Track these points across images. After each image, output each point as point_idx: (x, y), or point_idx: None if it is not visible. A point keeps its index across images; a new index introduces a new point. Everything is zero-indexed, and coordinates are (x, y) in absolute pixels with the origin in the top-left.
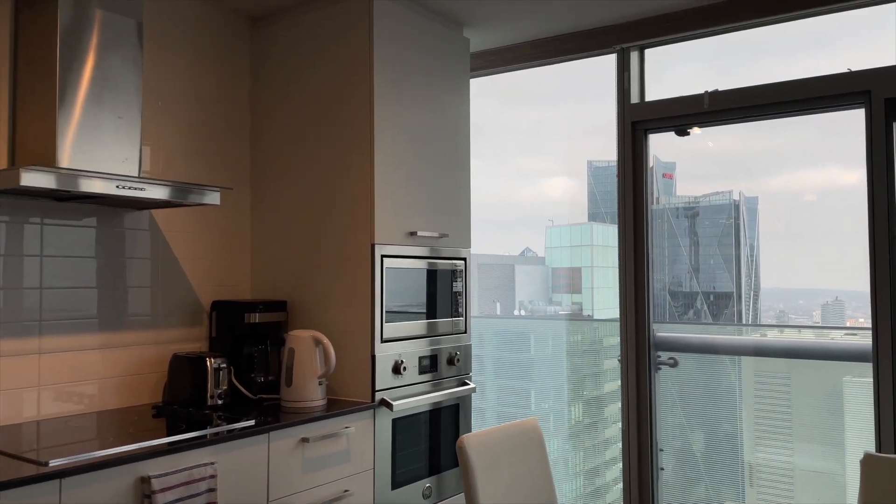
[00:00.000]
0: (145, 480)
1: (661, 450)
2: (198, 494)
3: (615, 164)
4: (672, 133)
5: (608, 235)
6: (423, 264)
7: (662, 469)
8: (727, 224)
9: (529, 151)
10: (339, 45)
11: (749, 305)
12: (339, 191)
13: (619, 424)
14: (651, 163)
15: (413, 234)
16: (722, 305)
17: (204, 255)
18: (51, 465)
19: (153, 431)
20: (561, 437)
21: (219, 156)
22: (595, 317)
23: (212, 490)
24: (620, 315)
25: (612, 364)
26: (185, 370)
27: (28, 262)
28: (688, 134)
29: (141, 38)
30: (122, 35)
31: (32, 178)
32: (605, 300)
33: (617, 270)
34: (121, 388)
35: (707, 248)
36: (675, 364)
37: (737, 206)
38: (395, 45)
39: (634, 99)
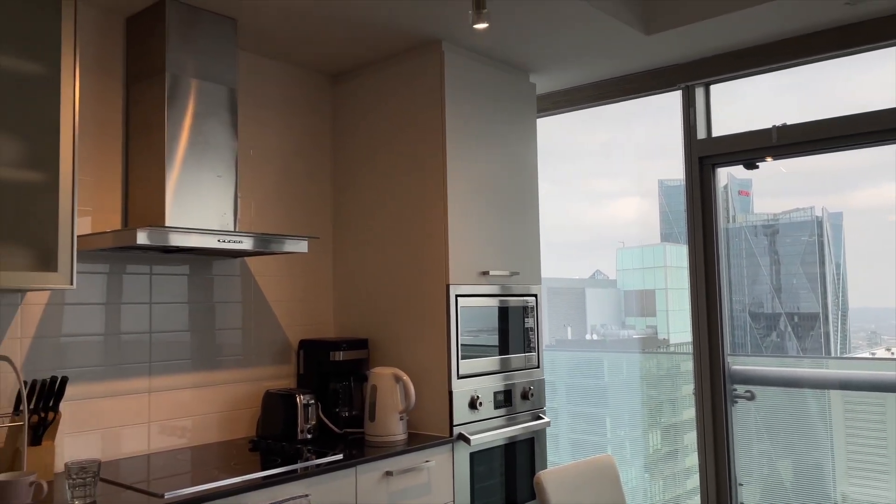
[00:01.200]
0: None
1: (741, 484)
2: None
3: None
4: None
5: (682, 256)
6: (495, 302)
7: None
8: (810, 241)
9: (598, 172)
10: (412, 97)
11: (837, 326)
12: (414, 234)
13: (697, 439)
14: (725, 180)
15: (485, 273)
16: (807, 327)
17: (290, 297)
18: (166, 496)
19: (252, 465)
20: (638, 466)
21: (303, 204)
22: (671, 340)
23: None
24: (693, 348)
25: (691, 389)
26: (277, 406)
27: (138, 308)
28: (757, 167)
29: (235, 103)
30: (218, 101)
31: (147, 237)
32: (681, 323)
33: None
34: (220, 423)
35: (789, 266)
36: (752, 397)
37: (820, 223)
38: (465, 94)
39: (701, 134)
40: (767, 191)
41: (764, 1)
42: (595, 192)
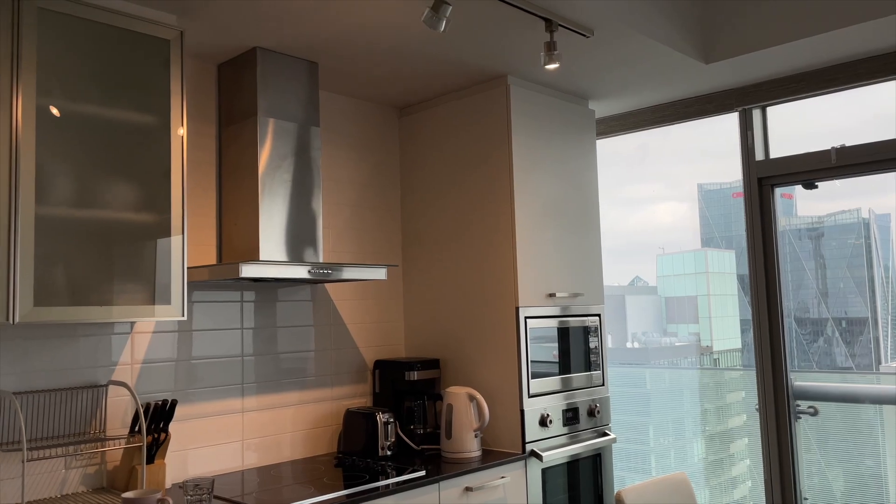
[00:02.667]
0: None
1: (806, 499)
2: None
3: (727, 186)
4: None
5: (724, 261)
6: (560, 322)
7: None
8: (856, 244)
9: (636, 178)
10: (478, 127)
11: (887, 331)
12: (483, 259)
13: (747, 461)
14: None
15: (552, 295)
16: (856, 332)
17: (364, 320)
18: None
19: (341, 480)
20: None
21: (375, 232)
22: (715, 348)
23: None
24: (756, 365)
25: (737, 397)
26: (358, 424)
27: (231, 334)
28: (816, 187)
29: (318, 141)
30: (303, 140)
31: (249, 270)
32: (725, 329)
33: (736, 298)
34: (305, 440)
35: (835, 270)
36: (815, 413)
37: (866, 225)
38: (528, 124)
39: (759, 156)
40: (811, 193)
41: (820, 32)
42: (632, 197)
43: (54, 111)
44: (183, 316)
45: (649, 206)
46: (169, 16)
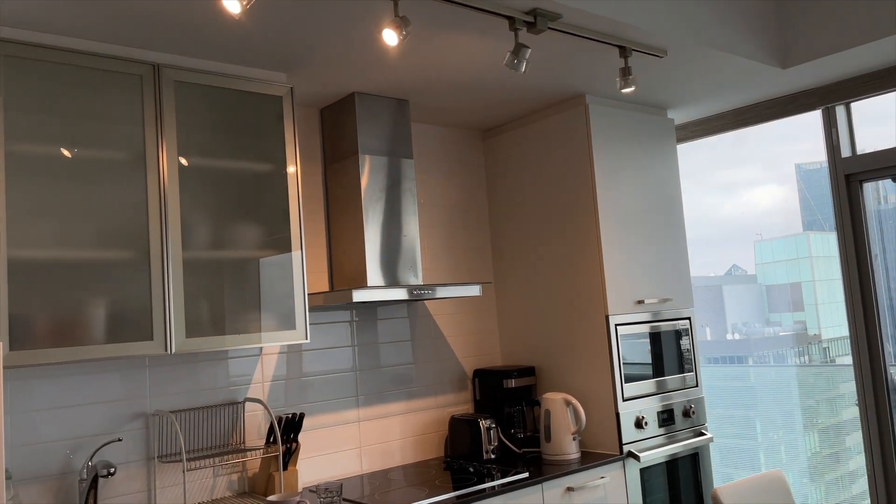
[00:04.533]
0: None
1: None
2: None
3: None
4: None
5: (829, 245)
6: (651, 328)
7: None
8: None
9: (730, 162)
10: (559, 145)
11: None
12: (571, 271)
13: (864, 455)
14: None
15: (640, 301)
16: None
17: (461, 332)
18: None
19: (451, 483)
20: (796, 470)
21: (467, 249)
22: (823, 336)
23: None
24: (853, 359)
25: (850, 388)
26: (462, 430)
27: (344, 351)
28: None
29: (413, 171)
30: (400, 172)
31: (360, 295)
32: (834, 316)
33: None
34: (415, 446)
35: None
36: None
37: None
38: (608, 138)
39: (845, 152)
40: None
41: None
42: (726, 182)
43: (188, 164)
44: (307, 339)
45: (745, 190)
46: (279, 74)
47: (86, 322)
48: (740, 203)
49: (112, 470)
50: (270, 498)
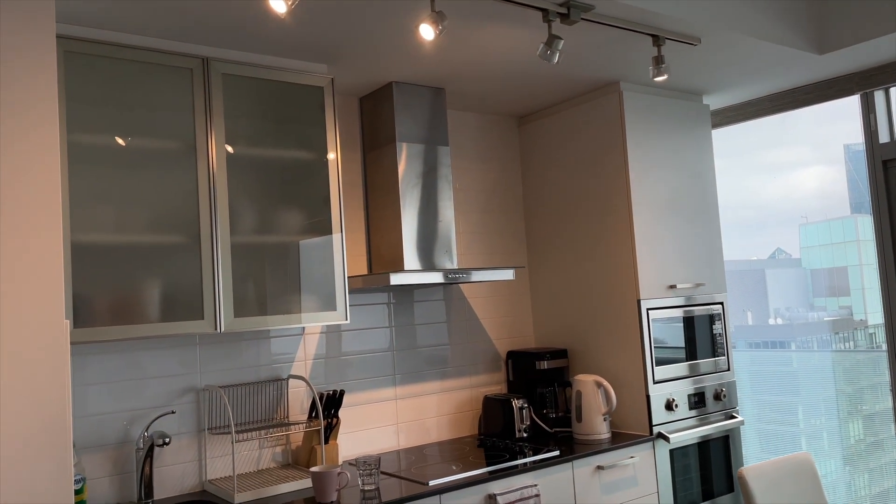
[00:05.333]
0: (492, 497)
1: None
2: None
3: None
4: None
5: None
6: (683, 312)
7: None
8: None
9: (775, 142)
10: (594, 131)
11: None
12: (604, 255)
13: None
14: None
15: (673, 286)
16: None
17: (495, 314)
18: (430, 484)
19: (484, 459)
20: (838, 458)
21: (502, 233)
22: (869, 322)
23: None
24: (888, 346)
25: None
26: (496, 409)
27: (382, 332)
28: None
29: (448, 158)
30: (436, 159)
31: (397, 278)
32: (880, 301)
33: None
34: (450, 424)
35: None
36: None
37: None
38: (642, 123)
39: (884, 138)
40: None
41: None
42: (771, 163)
43: (234, 152)
44: (347, 320)
45: (789, 171)
46: (320, 66)
47: (142, 302)
48: (785, 185)
49: (167, 440)
50: (312, 469)
